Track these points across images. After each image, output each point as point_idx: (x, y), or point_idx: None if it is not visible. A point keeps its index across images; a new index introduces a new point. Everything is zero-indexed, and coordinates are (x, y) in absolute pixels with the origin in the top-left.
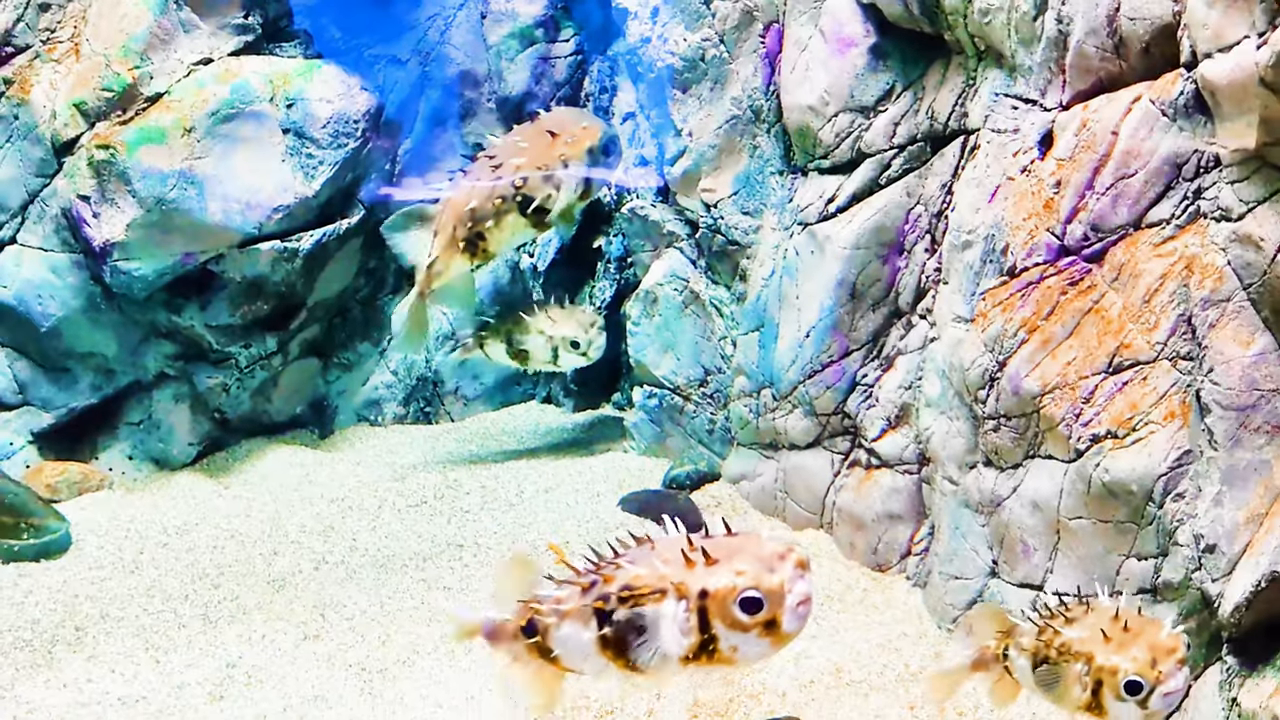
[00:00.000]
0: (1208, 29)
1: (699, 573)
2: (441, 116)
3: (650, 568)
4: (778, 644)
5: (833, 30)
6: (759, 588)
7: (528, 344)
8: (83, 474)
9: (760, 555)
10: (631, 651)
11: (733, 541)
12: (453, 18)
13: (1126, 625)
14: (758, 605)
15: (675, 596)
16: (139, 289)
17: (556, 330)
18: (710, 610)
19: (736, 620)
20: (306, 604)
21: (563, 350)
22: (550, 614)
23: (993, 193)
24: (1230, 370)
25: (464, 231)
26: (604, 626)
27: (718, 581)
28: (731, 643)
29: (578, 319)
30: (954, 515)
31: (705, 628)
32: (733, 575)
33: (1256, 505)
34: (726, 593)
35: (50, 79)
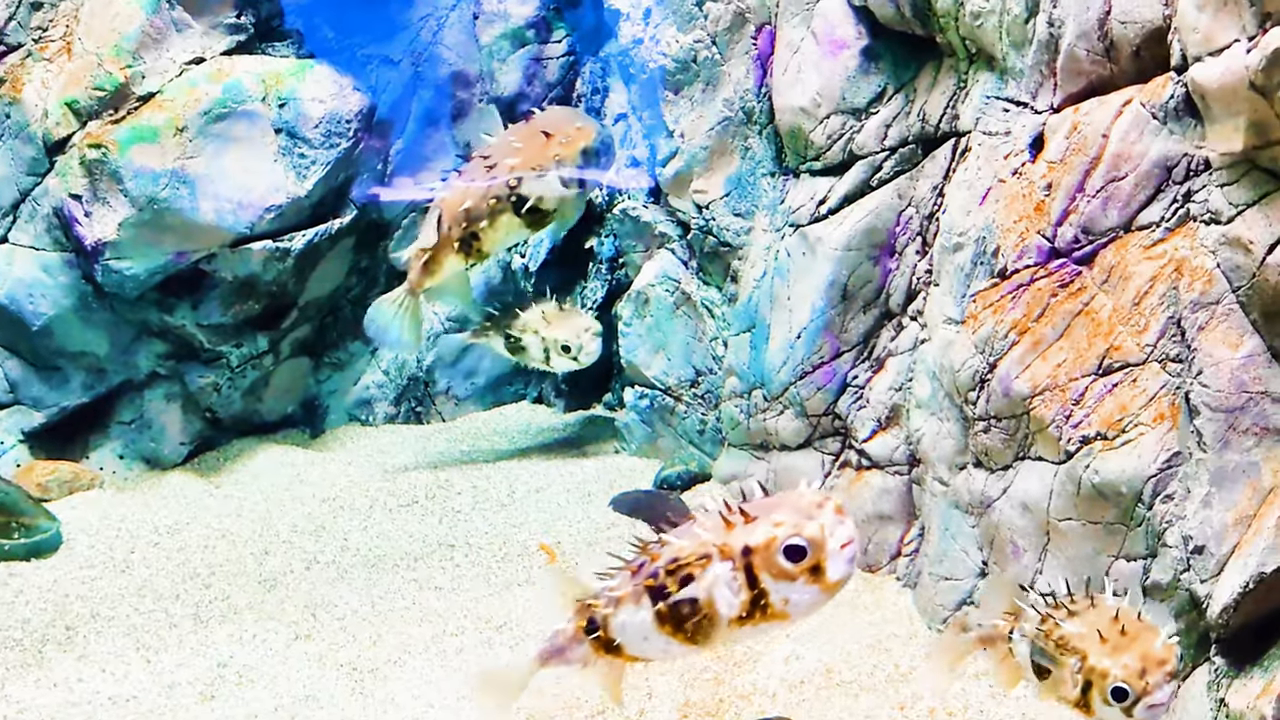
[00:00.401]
0: (1197, 33)
1: (739, 532)
2: (434, 117)
3: (692, 538)
4: (827, 591)
5: (824, 32)
6: (800, 535)
7: (524, 341)
8: (74, 473)
9: (797, 506)
10: (688, 622)
11: (769, 500)
12: (445, 18)
13: (1124, 629)
14: (801, 552)
15: (720, 558)
16: (131, 288)
17: (550, 332)
18: (756, 565)
19: (782, 570)
20: (298, 604)
21: (554, 352)
22: (606, 604)
23: (984, 195)
24: (1219, 372)
25: (459, 231)
26: (658, 602)
27: (759, 536)
28: (782, 595)
29: (573, 323)
30: (944, 516)
31: (754, 584)
32: (772, 527)
33: (1245, 507)
34: (768, 545)
35: (42, 78)
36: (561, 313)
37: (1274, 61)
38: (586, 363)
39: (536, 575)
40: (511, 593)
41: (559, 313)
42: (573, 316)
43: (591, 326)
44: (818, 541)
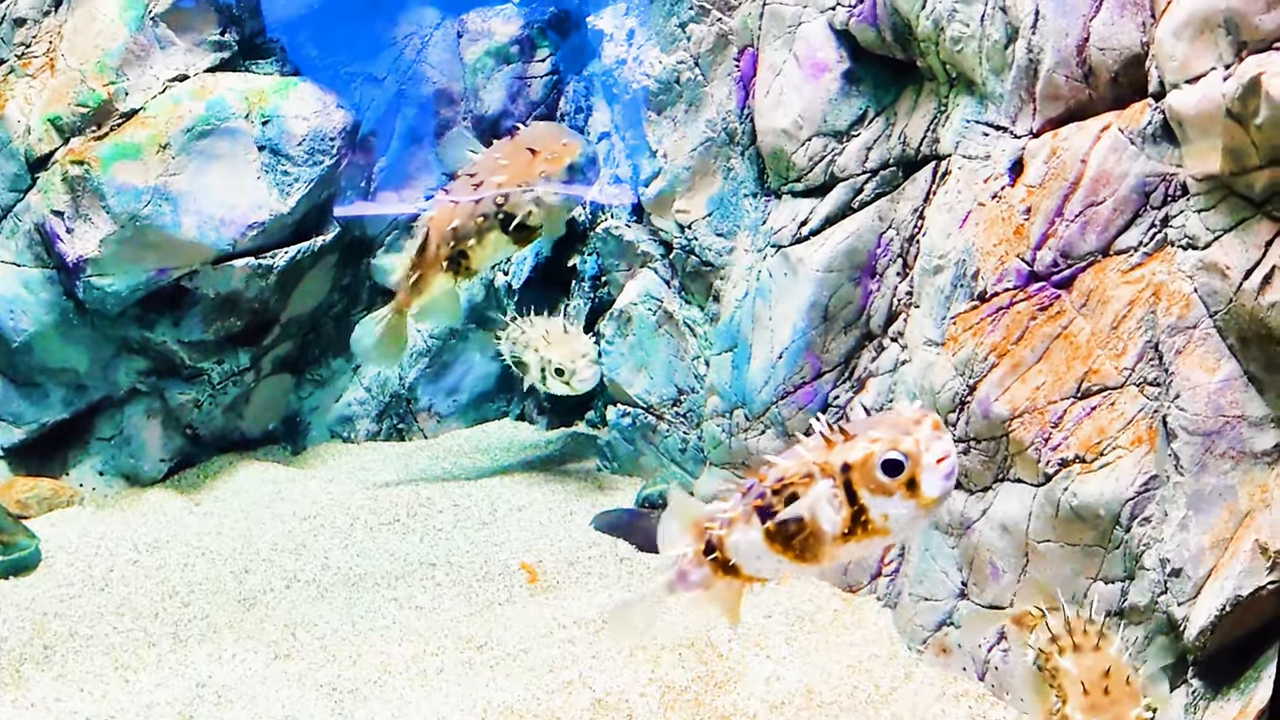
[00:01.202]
0: (1175, 61)
1: (839, 450)
2: (417, 135)
3: (796, 458)
4: (924, 507)
5: (806, 55)
6: (896, 449)
7: (525, 358)
8: (53, 490)
9: (896, 423)
10: (795, 540)
11: (870, 419)
12: (429, 36)
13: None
14: (897, 467)
15: (821, 476)
16: (112, 305)
17: (548, 352)
18: (855, 482)
19: (880, 485)
20: (277, 623)
21: (549, 374)
22: (720, 525)
23: (964, 218)
24: (1196, 396)
25: (446, 250)
26: (766, 521)
27: (857, 453)
28: (880, 510)
29: (571, 346)
30: (924, 537)
31: (854, 500)
32: (869, 444)
33: (1221, 530)
34: (866, 461)
35: (25, 94)
36: (564, 334)
37: (1250, 90)
38: (580, 389)
39: (518, 594)
40: (493, 612)
41: (562, 334)
42: (573, 340)
43: (589, 353)
44: (914, 455)
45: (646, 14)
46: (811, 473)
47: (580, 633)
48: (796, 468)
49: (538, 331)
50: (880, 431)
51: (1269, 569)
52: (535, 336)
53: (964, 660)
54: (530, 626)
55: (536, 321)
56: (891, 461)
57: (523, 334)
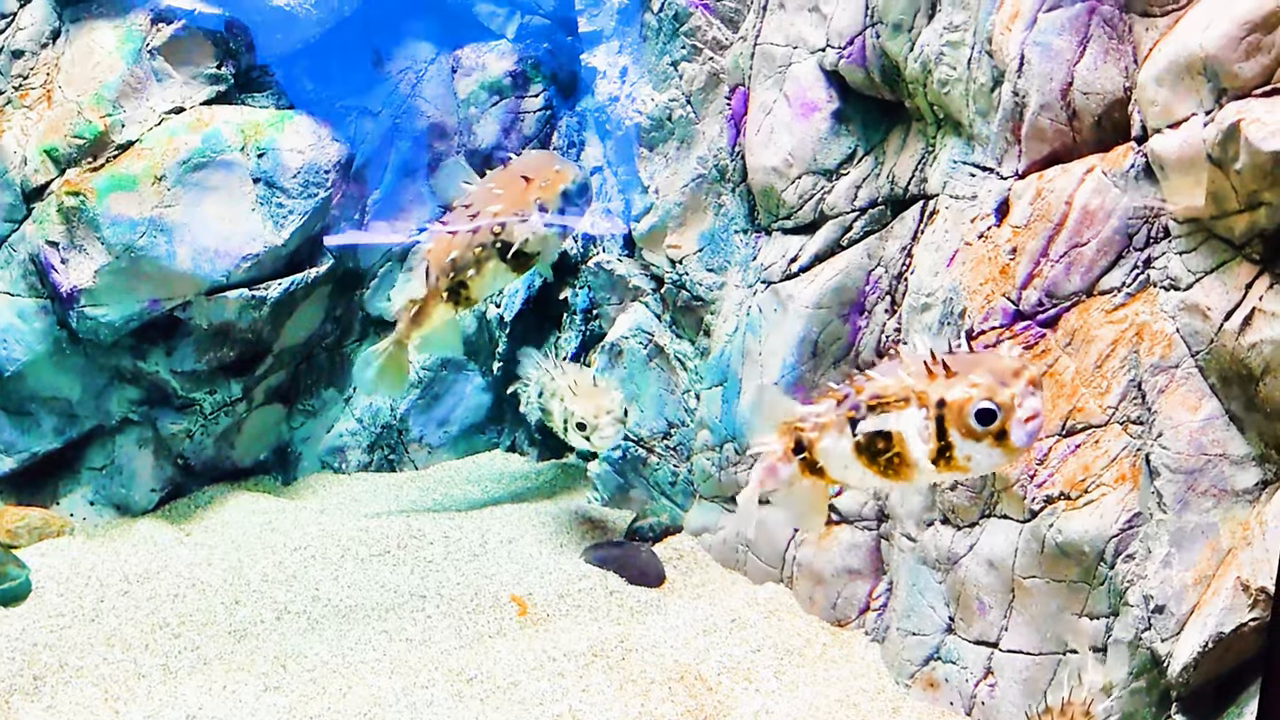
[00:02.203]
0: (1157, 106)
1: (939, 384)
2: (411, 167)
3: (896, 379)
4: (1008, 455)
5: (797, 95)
6: (992, 399)
7: (551, 404)
8: (44, 519)
9: (995, 369)
10: (881, 457)
11: (972, 358)
12: (424, 71)
13: None
14: (990, 416)
15: (917, 404)
16: (105, 335)
17: (574, 405)
18: (947, 419)
19: (970, 429)
20: (268, 655)
21: (571, 426)
22: (812, 428)
23: (951, 257)
24: (1179, 435)
25: (446, 282)
26: (854, 428)
27: (955, 393)
28: (965, 451)
29: (597, 401)
30: (912, 572)
31: (942, 435)
32: (968, 387)
33: (1204, 567)
34: (962, 403)
35: (22, 125)
36: (592, 388)
37: (1230, 136)
38: (601, 446)
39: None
40: (483, 644)
41: (590, 387)
42: (601, 395)
43: (614, 410)
44: (1007, 408)
45: (639, 52)
46: (908, 398)
47: (570, 666)
48: (895, 389)
49: (566, 381)
50: (980, 377)
51: (1250, 606)
52: (563, 386)
53: (951, 695)
54: (520, 659)
55: (567, 369)
56: (985, 411)
57: (551, 380)
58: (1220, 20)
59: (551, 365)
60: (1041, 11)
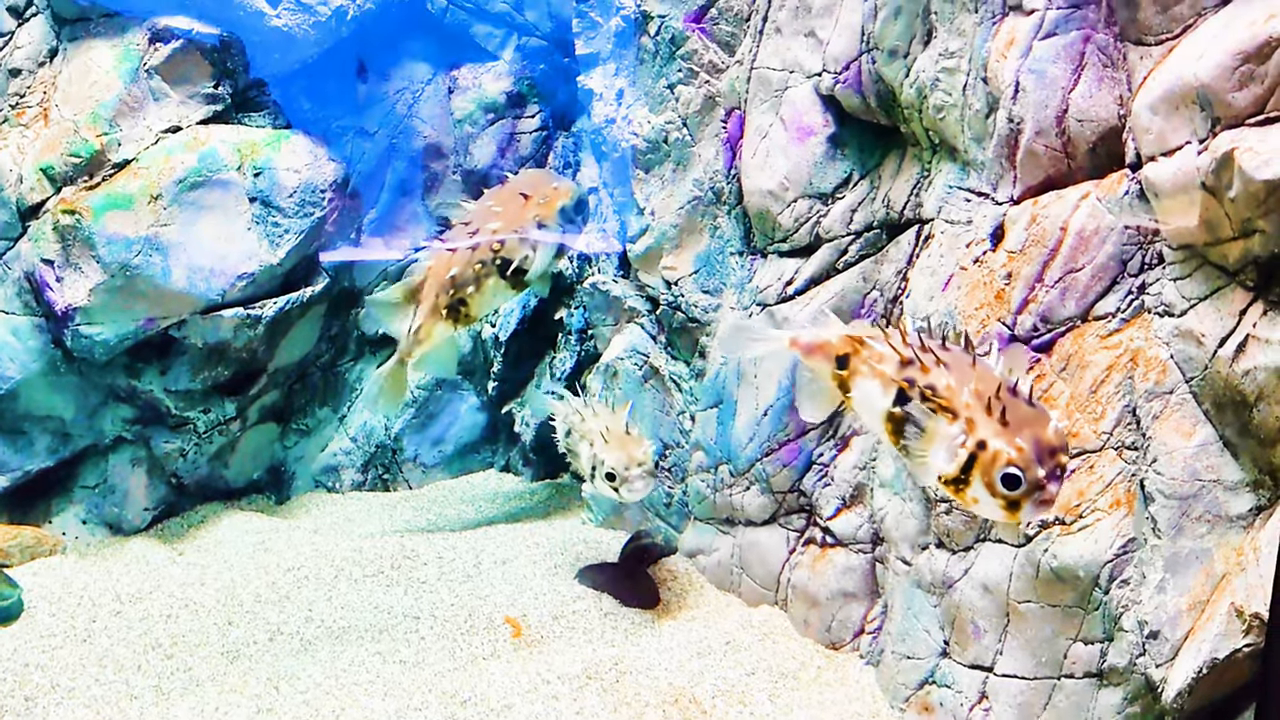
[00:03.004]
0: (1151, 134)
1: (990, 424)
2: (407, 187)
3: (959, 387)
4: (1008, 519)
5: (793, 119)
6: (1024, 471)
7: (579, 446)
8: (36, 538)
9: (1041, 440)
10: (906, 438)
11: (1030, 413)
12: (421, 91)
13: None
14: (1014, 483)
15: (964, 428)
16: (100, 353)
17: (604, 453)
18: (978, 459)
19: (990, 482)
20: (260, 676)
21: (600, 475)
22: (862, 364)
23: (946, 281)
24: (1173, 460)
25: (445, 299)
26: (897, 405)
27: (998, 444)
28: (975, 494)
29: (629, 451)
30: (906, 595)
31: (967, 469)
32: (1010, 446)
33: (1198, 592)
34: (997, 457)
35: (18, 143)
36: (624, 436)
37: (1223, 164)
38: (628, 499)
39: (502, 649)
40: (477, 666)
41: (622, 435)
42: (632, 445)
43: (646, 462)
44: (1032, 485)
45: (636, 75)
46: (956, 414)
47: (565, 689)
48: (952, 399)
49: (598, 424)
50: (1025, 441)
51: (1245, 632)
52: (594, 429)
53: (946, 719)
54: (514, 682)
55: (599, 411)
56: (1012, 477)
57: (581, 422)
58: (1214, 50)
59: (582, 404)
60: (1037, 39)
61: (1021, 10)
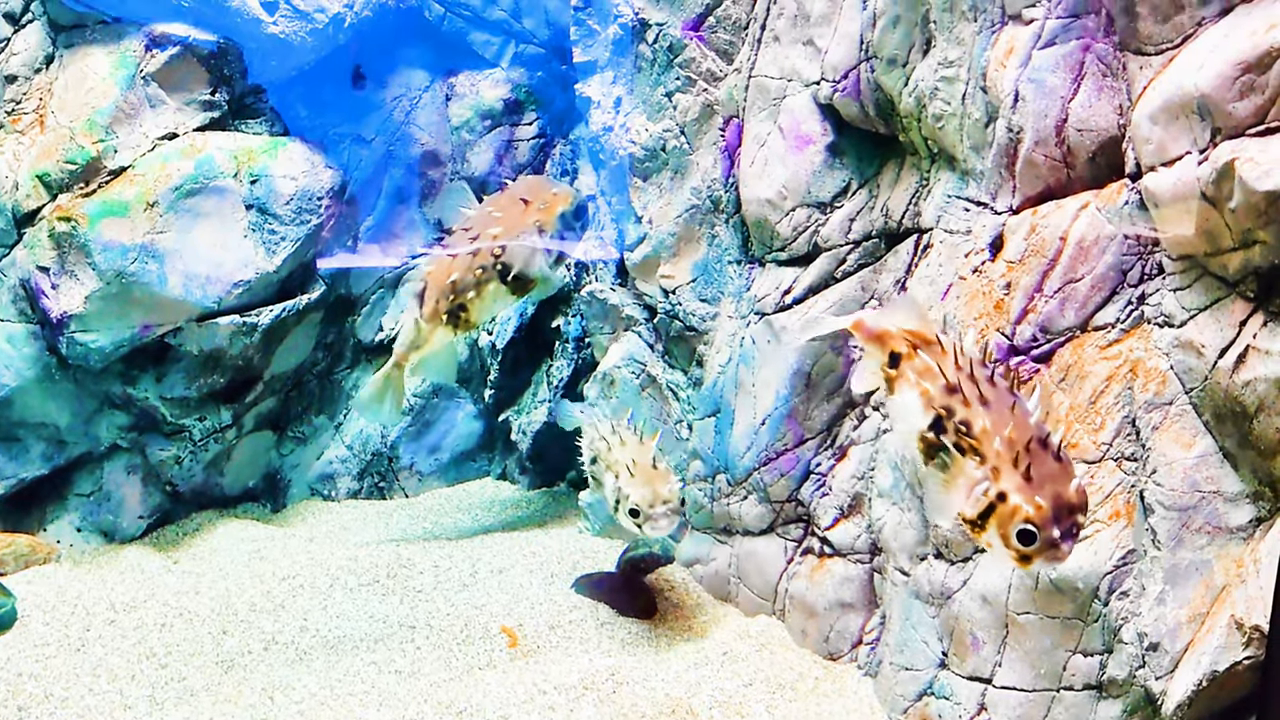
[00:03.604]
0: (1151, 144)
1: (1014, 476)
2: (404, 194)
3: (994, 431)
4: (1017, 565)
5: (791, 128)
6: (1040, 529)
7: (604, 478)
8: (30, 546)
9: (1063, 496)
10: (934, 463)
11: (1055, 468)
12: (418, 99)
13: None
14: (1029, 539)
15: (987, 474)
16: (95, 360)
17: (629, 488)
18: (998, 508)
19: (1006, 531)
20: (255, 686)
21: (622, 506)
22: (910, 371)
23: (945, 291)
24: (1173, 472)
25: (446, 304)
26: (932, 430)
27: (1018, 498)
28: (990, 538)
29: (655, 487)
30: (905, 606)
31: (985, 515)
32: (1029, 503)
33: (1198, 604)
34: (1016, 511)
35: (14, 150)
36: (651, 470)
37: (1224, 174)
38: (651, 536)
39: (498, 658)
40: (473, 676)
41: (649, 469)
42: (659, 480)
43: (672, 500)
44: (1045, 544)
45: (633, 83)
46: (985, 458)
47: (561, 699)
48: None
49: (625, 455)
50: (1045, 498)
51: (1245, 644)
52: (620, 460)
53: None
54: (510, 692)
55: (627, 440)
56: (1027, 533)
57: (608, 451)
58: (1214, 60)
59: (609, 431)
60: (1036, 48)
61: (1021, 20)
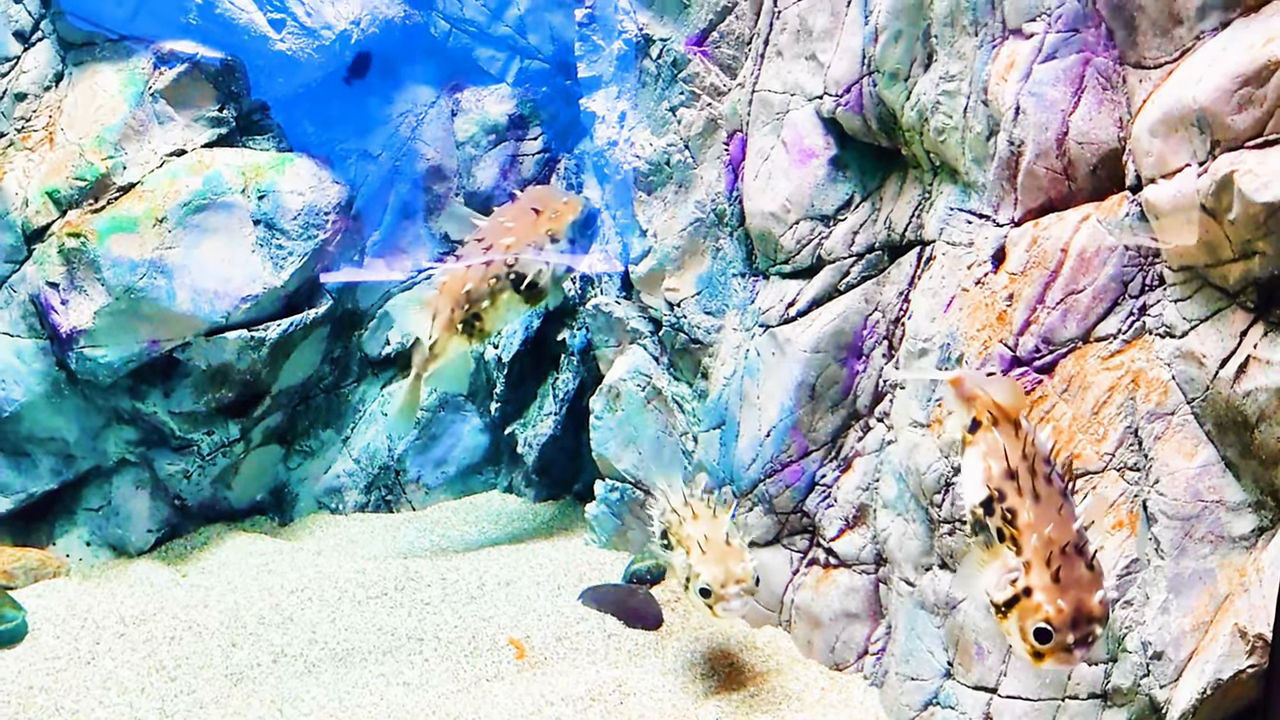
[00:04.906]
0: (1151, 157)
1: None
2: (410, 209)
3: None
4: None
5: (794, 141)
6: (1055, 631)
7: (673, 556)
8: (40, 560)
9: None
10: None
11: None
12: (424, 114)
13: None
14: (1045, 637)
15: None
16: (104, 375)
17: (700, 565)
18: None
19: (1025, 628)
20: (264, 699)
21: (692, 585)
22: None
23: (948, 303)
24: (1175, 481)
25: (461, 314)
26: (982, 507)
27: (1041, 596)
28: (1009, 626)
29: (728, 566)
30: (910, 616)
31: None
32: (1051, 605)
33: (1201, 613)
34: (1038, 611)
35: (24, 166)
36: (724, 547)
37: (1223, 186)
38: (721, 617)
39: (506, 670)
40: (480, 688)
41: (722, 545)
42: (731, 558)
43: (745, 580)
44: (1058, 646)
45: (638, 97)
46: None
47: (568, 710)
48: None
49: (697, 530)
50: (1067, 602)
51: (1248, 653)
52: (691, 535)
53: None
54: (518, 704)
55: (700, 513)
56: (1044, 632)
57: (679, 524)
58: (1212, 73)
59: (681, 503)
60: (1037, 62)
61: (1021, 34)
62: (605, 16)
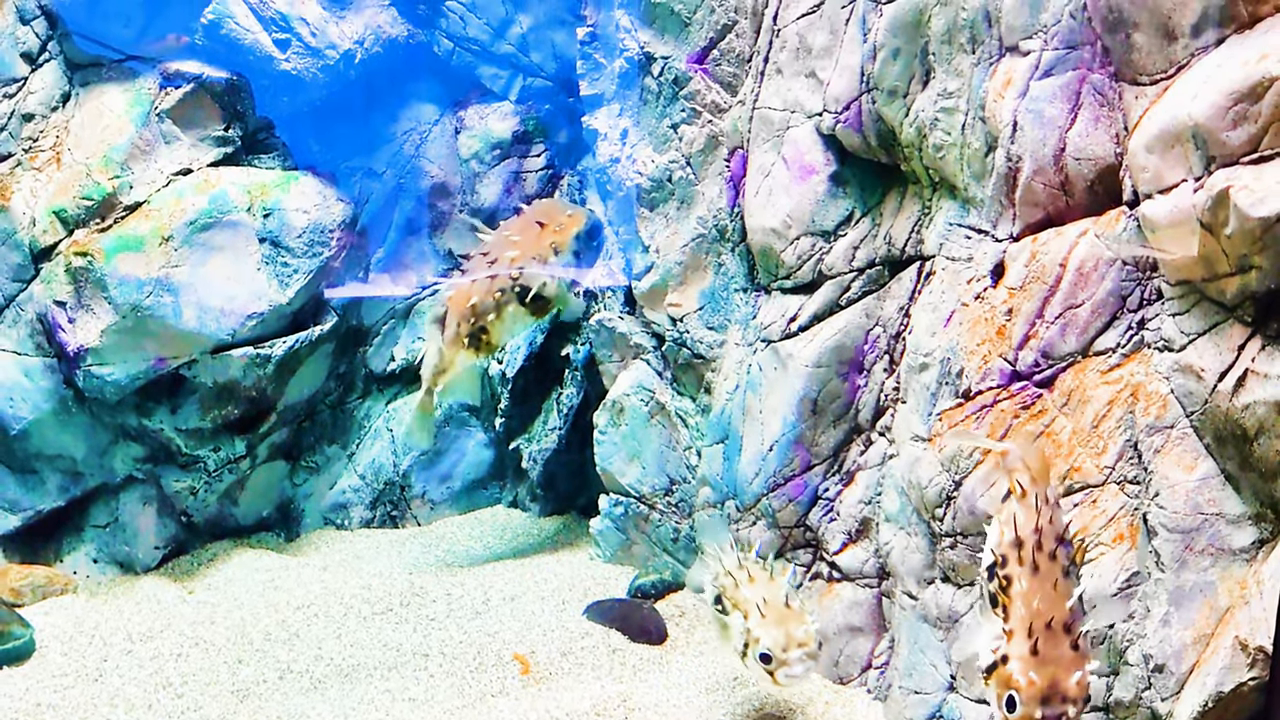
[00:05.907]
0: (1147, 172)
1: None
2: (414, 226)
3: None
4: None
5: (795, 158)
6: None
7: (729, 620)
8: (48, 578)
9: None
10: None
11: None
12: (428, 132)
13: None
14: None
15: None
16: (111, 393)
17: (759, 630)
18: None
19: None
20: (271, 715)
21: (752, 650)
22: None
23: (948, 317)
24: (1175, 494)
25: (467, 328)
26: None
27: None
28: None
29: (789, 630)
30: (912, 629)
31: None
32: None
33: (1202, 626)
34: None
35: (31, 186)
36: (783, 610)
37: (1219, 201)
38: (784, 685)
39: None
40: (486, 704)
41: (781, 608)
42: (792, 622)
43: (807, 643)
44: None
45: (639, 115)
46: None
47: None
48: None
49: (754, 594)
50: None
51: (1249, 665)
52: (749, 599)
53: None
54: (523, 719)
55: (756, 576)
56: (1013, 701)
57: (735, 587)
58: (1208, 90)
59: (735, 566)
60: (1034, 79)
61: (1018, 51)
62: (607, 35)
